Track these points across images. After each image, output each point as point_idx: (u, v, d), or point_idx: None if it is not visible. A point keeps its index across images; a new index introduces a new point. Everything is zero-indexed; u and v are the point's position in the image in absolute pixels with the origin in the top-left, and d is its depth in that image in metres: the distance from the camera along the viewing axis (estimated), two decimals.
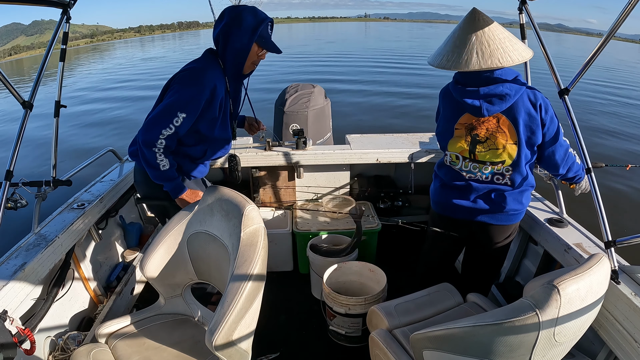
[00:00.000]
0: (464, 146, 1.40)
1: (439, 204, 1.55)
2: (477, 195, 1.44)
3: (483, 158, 1.38)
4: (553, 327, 0.94)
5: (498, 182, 1.41)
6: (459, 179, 1.46)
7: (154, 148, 1.39)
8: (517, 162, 1.36)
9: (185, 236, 1.41)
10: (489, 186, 1.41)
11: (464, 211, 1.47)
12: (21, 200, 1.55)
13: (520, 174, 1.39)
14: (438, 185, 1.54)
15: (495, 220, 1.45)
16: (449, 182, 1.48)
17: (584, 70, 1.36)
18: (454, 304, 1.51)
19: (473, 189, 1.43)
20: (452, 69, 1.28)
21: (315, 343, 1.89)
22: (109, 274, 2.11)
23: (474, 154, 1.39)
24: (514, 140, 1.34)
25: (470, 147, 1.39)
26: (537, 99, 1.32)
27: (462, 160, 1.43)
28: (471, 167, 1.42)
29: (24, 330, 1.32)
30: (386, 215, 2.67)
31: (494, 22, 1.29)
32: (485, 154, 1.37)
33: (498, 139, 1.34)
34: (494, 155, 1.36)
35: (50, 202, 1.75)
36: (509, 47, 1.26)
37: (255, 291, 1.08)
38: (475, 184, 1.43)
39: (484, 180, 1.42)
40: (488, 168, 1.39)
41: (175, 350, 1.32)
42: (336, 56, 20.08)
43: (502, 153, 1.35)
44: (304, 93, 2.82)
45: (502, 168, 1.38)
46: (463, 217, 1.49)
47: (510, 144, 1.34)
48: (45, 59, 1.64)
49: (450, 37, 1.32)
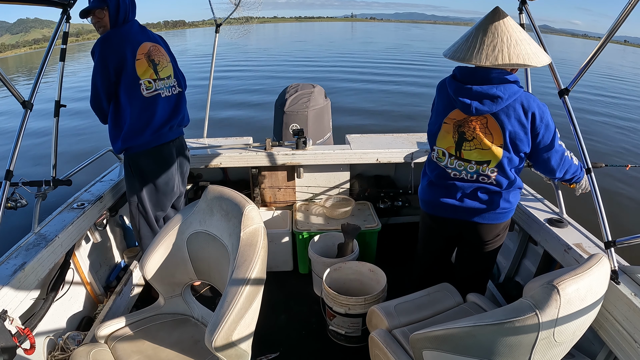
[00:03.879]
0: (451, 142, 1.39)
1: (427, 203, 1.54)
2: (463, 193, 1.42)
3: (469, 157, 1.37)
4: (553, 327, 0.94)
5: (483, 182, 1.39)
6: (446, 177, 1.44)
7: None
8: (501, 164, 1.34)
9: (185, 236, 1.41)
10: (475, 185, 1.40)
11: (452, 210, 1.45)
12: (21, 200, 1.54)
13: (505, 176, 1.37)
14: (425, 183, 1.53)
15: (483, 219, 1.44)
16: (436, 180, 1.47)
17: (584, 70, 1.36)
18: (454, 304, 1.51)
19: (459, 188, 1.42)
20: (474, 62, 1.24)
21: (315, 343, 1.89)
22: (109, 273, 2.11)
23: (460, 152, 1.38)
24: (499, 143, 1.32)
25: (457, 144, 1.38)
26: (530, 107, 1.29)
27: (448, 157, 1.41)
28: (456, 165, 1.40)
29: (24, 330, 1.32)
30: (386, 215, 2.68)
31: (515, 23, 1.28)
32: (471, 152, 1.36)
33: (483, 140, 1.33)
34: (479, 154, 1.35)
35: (50, 201, 1.75)
36: (536, 48, 1.25)
37: (254, 291, 1.08)
38: (460, 183, 1.41)
39: (468, 179, 1.40)
40: (473, 167, 1.37)
41: (175, 350, 1.32)
42: (336, 56, 20.08)
43: (487, 153, 1.34)
44: (304, 93, 2.82)
45: (488, 169, 1.36)
46: (451, 216, 1.47)
47: (495, 147, 1.32)
48: (46, 59, 1.63)
49: (472, 32, 1.29)
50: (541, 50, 1.28)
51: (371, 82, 11.59)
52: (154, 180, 1.82)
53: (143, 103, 1.71)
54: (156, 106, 1.75)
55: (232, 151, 2.39)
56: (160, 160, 1.81)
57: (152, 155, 1.78)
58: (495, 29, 1.24)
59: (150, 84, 1.73)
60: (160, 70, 1.77)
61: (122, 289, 1.96)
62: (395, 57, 19.51)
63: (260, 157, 2.38)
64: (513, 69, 1.30)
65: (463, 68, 1.34)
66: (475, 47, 1.25)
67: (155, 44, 1.78)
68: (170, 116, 1.81)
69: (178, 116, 1.85)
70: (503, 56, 1.21)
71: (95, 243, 2.01)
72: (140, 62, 1.69)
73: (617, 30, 1.25)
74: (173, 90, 1.84)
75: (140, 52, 1.69)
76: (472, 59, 1.24)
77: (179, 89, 1.88)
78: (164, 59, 1.81)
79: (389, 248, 2.49)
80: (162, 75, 1.78)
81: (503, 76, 1.28)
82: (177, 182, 1.93)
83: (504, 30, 1.24)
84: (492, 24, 1.25)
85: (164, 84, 1.79)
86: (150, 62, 1.73)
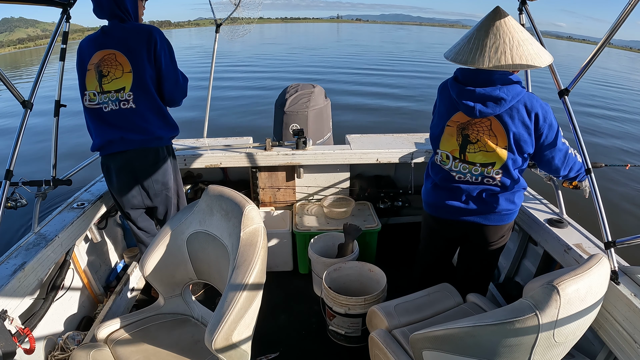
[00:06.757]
0: (455, 145, 1.39)
1: (431, 205, 1.54)
2: (468, 196, 1.42)
3: (473, 159, 1.37)
4: (553, 327, 0.94)
5: (488, 184, 1.39)
6: (450, 180, 1.44)
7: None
8: (506, 166, 1.34)
9: (184, 236, 1.41)
10: (480, 187, 1.40)
11: (457, 212, 1.45)
12: (21, 200, 1.54)
13: (510, 177, 1.37)
14: (430, 186, 1.53)
15: (488, 221, 1.44)
16: (441, 183, 1.47)
17: (584, 70, 1.36)
18: (454, 304, 1.51)
19: (464, 190, 1.41)
20: (476, 65, 1.23)
21: (315, 343, 1.89)
22: (109, 273, 2.11)
23: (465, 155, 1.38)
24: (503, 145, 1.32)
25: (461, 147, 1.38)
26: (533, 107, 1.29)
27: (452, 160, 1.41)
28: (461, 168, 1.40)
29: (24, 330, 1.32)
30: (386, 215, 2.68)
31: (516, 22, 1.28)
32: (475, 155, 1.36)
33: (488, 142, 1.32)
34: (484, 156, 1.35)
35: (50, 201, 1.74)
36: (539, 47, 1.25)
37: (254, 291, 1.07)
38: (465, 186, 1.41)
39: (473, 181, 1.40)
40: (478, 169, 1.37)
41: (175, 350, 1.32)
42: (337, 57, 20.08)
43: (492, 155, 1.34)
44: (304, 93, 2.82)
45: (492, 171, 1.36)
46: (455, 218, 1.47)
47: (500, 149, 1.32)
48: (46, 59, 1.64)
49: (473, 34, 1.28)
50: (543, 50, 1.28)
51: (371, 83, 11.60)
52: (111, 189, 1.80)
53: (87, 113, 1.67)
54: (97, 119, 1.66)
55: (232, 151, 2.39)
56: (108, 170, 1.74)
57: (104, 164, 1.75)
58: (497, 29, 1.24)
59: (94, 96, 1.63)
60: (106, 82, 1.61)
61: (122, 289, 1.96)
62: (395, 58, 19.50)
63: (260, 157, 2.38)
64: (515, 70, 1.30)
65: (465, 70, 1.34)
66: (477, 49, 1.24)
67: (114, 52, 1.61)
68: (117, 130, 1.65)
69: (128, 131, 1.65)
70: (506, 58, 1.21)
71: (95, 243, 2.01)
72: (90, 73, 1.62)
73: (617, 31, 1.24)
74: (123, 104, 1.63)
75: (91, 62, 1.62)
76: (475, 62, 1.23)
77: (131, 105, 1.64)
78: (118, 69, 1.61)
79: (388, 248, 2.49)
80: (106, 88, 1.62)
81: (505, 77, 1.28)
82: (139, 194, 1.77)
83: (505, 31, 1.23)
84: (493, 25, 1.24)
85: (108, 97, 1.62)
86: (97, 73, 1.61)
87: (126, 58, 1.61)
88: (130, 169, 1.71)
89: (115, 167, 1.71)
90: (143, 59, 1.62)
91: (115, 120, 1.64)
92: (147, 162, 1.73)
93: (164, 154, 1.77)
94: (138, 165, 1.71)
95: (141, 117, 1.66)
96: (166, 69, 1.69)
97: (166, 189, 1.82)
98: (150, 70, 1.65)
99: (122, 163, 1.70)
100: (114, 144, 1.67)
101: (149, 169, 1.74)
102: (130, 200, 1.78)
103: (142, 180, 1.74)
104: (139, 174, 1.73)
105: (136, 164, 1.71)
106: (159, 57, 1.65)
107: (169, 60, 1.70)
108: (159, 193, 1.80)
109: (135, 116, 1.65)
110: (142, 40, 1.62)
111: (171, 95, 1.75)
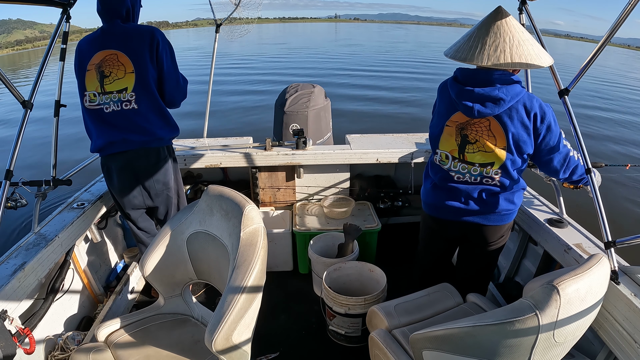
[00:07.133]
0: (454, 145, 1.39)
1: (431, 206, 1.53)
2: (467, 196, 1.42)
3: (472, 159, 1.36)
4: (553, 327, 0.94)
5: (487, 184, 1.39)
6: (449, 180, 1.43)
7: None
8: (505, 166, 1.34)
9: (184, 236, 1.41)
10: (479, 187, 1.39)
11: (456, 212, 1.45)
12: (21, 200, 1.55)
13: (509, 178, 1.36)
14: (429, 186, 1.53)
15: (487, 221, 1.44)
16: (440, 183, 1.46)
17: (584, 70, 1.36)
18: (454, 304, 1.51)
19: (463, 190, 1.41)
20: (475, 63, 1.24)
21: (315, 343, 1.89)
22: (109, 273, 2.11)
23: (464, 155, 1.37)
24: (502, 145, 1.31)
25: (460, 147, 1.37)
26: (532, 107, 1.28)
27: (451, 160, 1.41)
28: (460, 168, 1.40)
29: (24, 330, 1.32)
30: (386, 215, 2.68)
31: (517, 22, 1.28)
32: (474, 155, 1.35)
33: (486, 142, 1.32)
34: (483, 157, 1.34)
35: (50, 201, 1.74)
36: (539, 48, 1.25)
37: (254, 291, 1.07)
38: (464, 186, 1.41)
39: (472, 181, 1.40)
40: (477, 170, 1.37)
41: (175, 350, 1.32)
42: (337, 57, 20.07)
43: (490, 156, 1.33)
44: (304, 93, 2.82)
45: (491, 171, 1.35)
46: (455, 219, 1.47)
47: (499, 149, 1.32)
48: (46, 59, 1.64)
49: (474, 32, 1.28)
50: (543, 51, 1.28)
51: (371, 86, 11.59)
52: (111, 189, 1.80)
53: (86, 114, 1.66)
54: (98, 120, 1.65)
55: (232, 151, 2.39)
56: (108, 170, 1.73)
57: (104, 165, 1.74)
58: (497, 28, 1.24)
59: (94, 97, 1.62)
60: (108, 83, 1.61)
61: (122, 289, 1.96)
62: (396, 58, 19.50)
63: (260, 157, 2.38)
64: (515, 70, 1.30)
65: (464, 69, 1.34)
66: (477, 47, 1.24)
67: (115, 52, 1.61)
68: (119, 131, 1.64)
69: (130, 132, 1.65)
70: (505, 56, 1.21)
71: (95, 243, 2.01)
72: (90, 74, 1.61)
73: (617, 30, 1.24)
74: (125, 105, 1.62)
75: (92, 63, 1.61)
76: (474, 60, 1.23)
77: (133, 105, 1.63)
78: (120, 69, 1.61)
79: (388, 248, 2.49)
80: (108, 89, 1.61)
81: (505, 77, 1.27)
82: (140, 195, 1.77)
83: (506, 30, 1.23)
84: (494, 24, 1.24)
85: (109, 98, 1.62)
86: (98, 74, 1.60)
87: (128, 58, 1.61)
88: (132, 169, 1.71)
89: (116, 168, 1.70)
90: (145, 60, 1.62)
91: (116, 121, 1.64)
92: (148, 162, 1.72)
93: (164, 154, 1.77)
94: (139, 166, 1.71)
95: (143, 117, 1.66)
96: (168, 70, 1.69)
97: (167, 189, 1.82)
98: (152, 71, 1.65)
99: (123, 163, 1.70)
100: (116, 145, 1.66)
101: (150, 169, 1.74)
102: (131, 200, 1.77)
103: (144, 180, 1.74)
104: (140, 174, 1.73)
105: (137, 164, 1.71)
106: (161, 58, 1.66)
107: (170, 61, 1.70)
108: (160, 193, 1.80)
109: (137, 117, 1.65)
110: (145, 40, 1.62)
111: (172, 96, 1.75)
